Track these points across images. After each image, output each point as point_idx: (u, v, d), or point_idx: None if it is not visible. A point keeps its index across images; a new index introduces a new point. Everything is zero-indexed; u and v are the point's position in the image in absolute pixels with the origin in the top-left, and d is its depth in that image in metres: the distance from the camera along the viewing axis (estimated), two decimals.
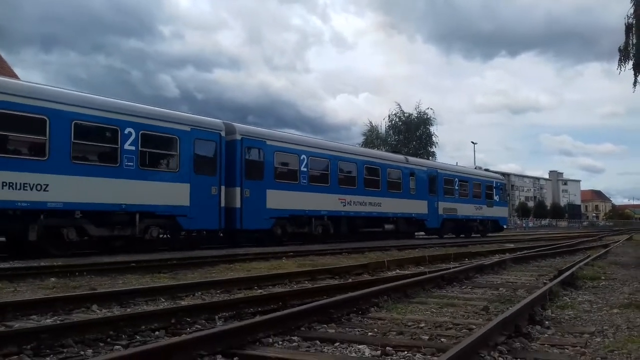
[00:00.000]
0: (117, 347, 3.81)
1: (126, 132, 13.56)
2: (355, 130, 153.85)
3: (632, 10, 23.81)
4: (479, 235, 29.77)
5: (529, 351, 3.79)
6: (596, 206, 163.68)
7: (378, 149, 46.61)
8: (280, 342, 3.97)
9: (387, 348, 3.75)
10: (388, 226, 23.10)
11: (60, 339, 3.78)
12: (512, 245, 18.25)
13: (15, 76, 26.16)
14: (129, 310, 5.34)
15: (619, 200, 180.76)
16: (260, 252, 13.03)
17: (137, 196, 13.72)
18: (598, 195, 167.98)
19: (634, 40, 24.02)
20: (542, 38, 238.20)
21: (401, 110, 55.04)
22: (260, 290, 6.95)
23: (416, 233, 26.43)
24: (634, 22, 23.73)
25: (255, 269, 9.86)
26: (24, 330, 3.87)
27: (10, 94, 11.64)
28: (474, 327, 4.44)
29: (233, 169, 16.38)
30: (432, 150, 54.42)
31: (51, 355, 3.57)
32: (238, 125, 17.29)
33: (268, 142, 17.72)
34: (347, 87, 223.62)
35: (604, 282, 8.06)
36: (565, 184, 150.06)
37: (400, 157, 25.89)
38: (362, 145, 49.30)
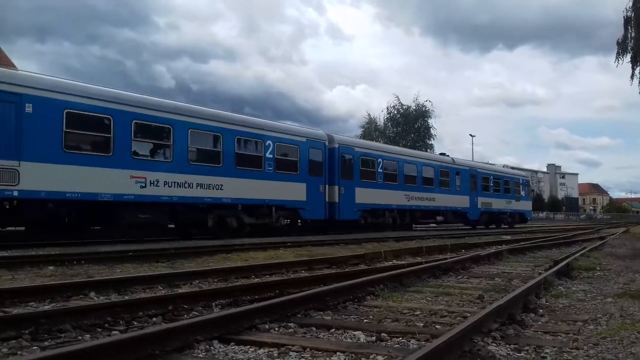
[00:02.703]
0: (114, 332, 3.85)
1: (267, 143, 17.55)
2: (352, 123, 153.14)
3: (630, 4, 23.76)
4: (506, 226, 32.92)
5: (522, 337, 3.83)
6: (594, 199, 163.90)
7: (377, 141, 46.62)
8: (276, 328, 4.01)
9: (382, 334, 3.80)
10: (439, 218, 27.09)
11: (58, 324, 3.82)
12: (508, 237, 18.32)
13: (13, 66, 26.06)
14: (126, 297, 5.38)
15: (616, 194, 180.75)
16: (257, 243, 13.08)
17: (274, 193, 17.58)
18: (595, 188, 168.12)
19: (633, 33, 23.99)
20: (538, 31, 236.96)
21: (399, 102, 55.03)
22: (257, 279, 6.99)
23: (451, 224, 29.82)
24: (633, 15, 23.69)
25: (252, 258, 9.90)
26: (23, 315, 3.91)
27: (202, 117, 15.68)
28: (469, 314, 4.47)
29: (333, 171, 20.19)
30: (430, 142, 54.44)
31: (49, 340, 3.60)
32: (336, 136, 21.47)
33: (356, 149, 21.74)
34: (343, 79, 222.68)
35: (599, 273, 8.11)
36: (563, 177, 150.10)
37: (448, 158, 29.09)
38: (360, 137, 49.26)
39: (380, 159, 22.75)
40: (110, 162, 13.25)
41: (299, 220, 19.21)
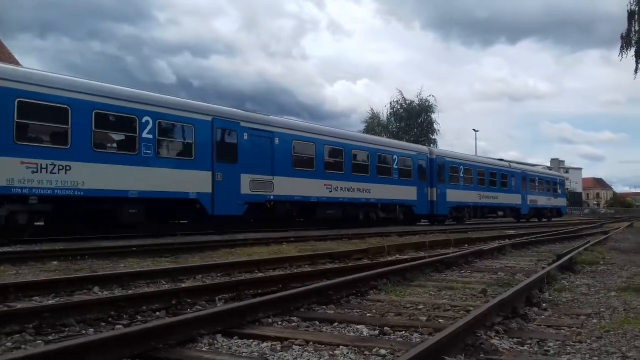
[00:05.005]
0: (118, 326, 3.86)
1: (393, 157, 23.57)
2: (354, 118, 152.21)
3: None
4: (546, 219, 38.33)
5: (525, 331, 3.83)
6: (597, 194, 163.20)
7: (380, 136, 46.51)
8: (279, 322, 4.02)
9: (385, 328, 3.80)
10: (500, 213, 33.38)
11: (61, 318, 3.84)
12: (512, 232, 18.29)
13: (17, 63, 26.03)
14: (130, 291, 5.39)
15: (619, 188, 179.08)
16: (260, 237, 13.09)
17: (398, 194, 23.41)
18: (599, 182, 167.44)
19: (637, 27, 23.85)
20: (539, 24, 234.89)
21: (403, 97, 54.85)
22: (260, 274, 7.00)
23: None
24: (637, 8, 23.55)
25: (256, 253, 9.91)
26: (26, 310, 3.92)
27: (359, 140, 22.40)
28: (472, 308, 4.46)
29: (432, 176, 25.95)
30: (433, 137, 54.30)
31: (53, 334, 3.62)
32: (434, 148, 30.25)
33: (446, 158, 27.46)
34: (345, 74, 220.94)
35: (602, 267, 8.08)
36: (567, 171, 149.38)
37: (506, 163, 35.35)
38: (363, 131, 49.14)
39: (461, 166, 28.30)
40: (314, 175, 19.13)
41: (413, 215, 24.78)
